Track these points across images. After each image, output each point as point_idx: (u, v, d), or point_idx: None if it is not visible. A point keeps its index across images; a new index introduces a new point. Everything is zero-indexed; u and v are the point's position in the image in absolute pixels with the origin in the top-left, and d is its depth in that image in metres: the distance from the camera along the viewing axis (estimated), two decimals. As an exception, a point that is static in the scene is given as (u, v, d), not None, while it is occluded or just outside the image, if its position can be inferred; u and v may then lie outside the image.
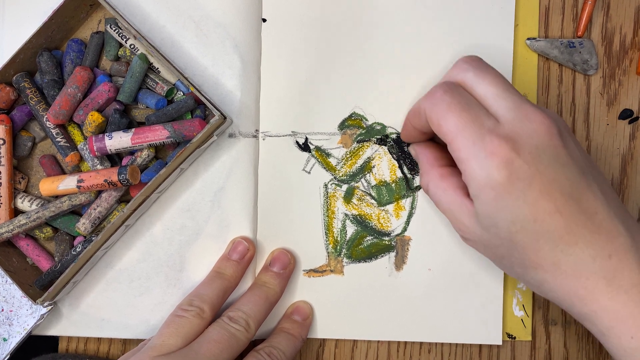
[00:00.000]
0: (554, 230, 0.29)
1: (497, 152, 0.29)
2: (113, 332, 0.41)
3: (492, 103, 0.31)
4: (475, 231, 0.32)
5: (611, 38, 0.42)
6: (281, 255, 0.40)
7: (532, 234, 0.30)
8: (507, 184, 0.29)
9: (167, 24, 0.40)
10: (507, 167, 0.29)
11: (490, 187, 0.30)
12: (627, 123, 0.42)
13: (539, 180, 0.29)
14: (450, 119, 0.31)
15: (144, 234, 0.40)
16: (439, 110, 0.32)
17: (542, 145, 0.30)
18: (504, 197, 0.29)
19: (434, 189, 0.35)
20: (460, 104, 0.31)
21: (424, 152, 0.37)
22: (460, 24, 0.41)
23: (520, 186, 0.29)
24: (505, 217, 0.30)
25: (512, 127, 0.30)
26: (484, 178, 0.30)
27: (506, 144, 0.29)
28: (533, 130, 0.30)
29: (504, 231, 0.30)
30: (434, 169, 0.35)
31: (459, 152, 0.31)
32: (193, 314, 0.36)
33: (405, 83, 0.41)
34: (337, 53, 0.41)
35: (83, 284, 0.40)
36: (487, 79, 0.32)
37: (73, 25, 0.40)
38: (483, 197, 0.30)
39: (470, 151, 0.30)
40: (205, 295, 0.37)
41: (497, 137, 0.30)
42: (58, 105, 0.38)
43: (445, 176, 0.35)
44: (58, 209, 0.38)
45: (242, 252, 0.39)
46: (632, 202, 0.42)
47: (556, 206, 0.29)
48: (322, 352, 0.42)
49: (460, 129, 0.31)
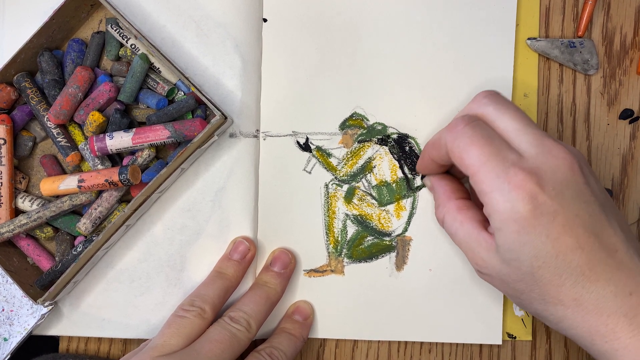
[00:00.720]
0: (576, 266, 0.29)
1: (522, 186, 0.29)
2: (114, 332, 0.41)
3: (514, 137, 0.31)
4: (494, 265, 0.32)
5: (612, 38, 0.42)
6: (282, 255, 0.40)
7: (554, 269, 0.30)
8: (531, 218, 0.29)
9: (168, 23, 0.40)
10: (531, 202, 0.29)
11: (514, 221, 0.30)
12: (627, 123, 0.42)
13: (562, 215, 0.29)
14: (473, 152, 0.31)
15: (145, 233, 0.40)
16: (462, 143, 0.32)
17: (565, 180, 0.30)
18: (528, 231, 0.29)
19: (451, 221, 0.35)
20: (483, 137, 0.31)
21: (440, 183, 0.37)
22: (461, 24, 0.41)
23: (543, 221, 0.29)
24: (528, 252, 0.30)
25: (535, 161, 0.30)
26: (508, 211, 0.30)
27: (531, 178, 0.29)
28: (556, 165, 0.30)
29: (526, 265, 0.30)
30: (451, 201, 0.35)
31: (482, 184, 0.31)
32: (194, 314, 0.36)
33: (407, 83, 0.41)
34: (338, 53, 0.41)
35: (84, 284, 0.40)
36: (508, 114, 0.32)
37: (74, 25, 0.40)
38: (506, 231, 0.30)
39: (494, 184, 0.30)
40: (207, 295, 0.37)
41: (521, 171, 0.30)
42: (59, 105, 0.38)
43: (463, 209, 0.34)
44: (59, 208, 0.38)
45: (243, 252, 0.39)
46: (632, 202, 0.42)
47: (578, 242, 0.29)
48: (323, 352, 0.42)
49: (484, 161, 0.31)
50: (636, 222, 0.42)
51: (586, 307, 0.30)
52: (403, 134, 0.41)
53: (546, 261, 0.30)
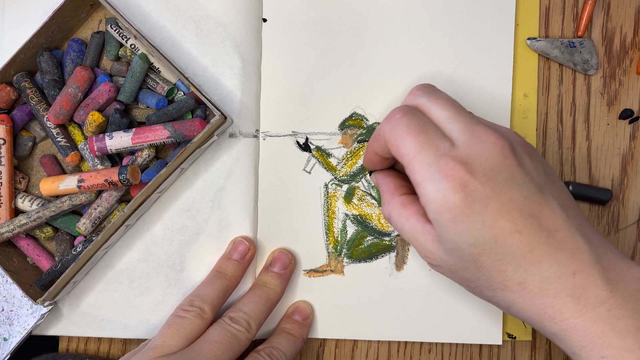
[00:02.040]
0: (516, 250, 0.29)
1: (452, 175, 0.29)
2: (113, 332, 0.41)
3: (445, 126, 0.32)
4: (440, 256, 0.32)
5: (611, 38, 0.42)
6: (281, 255, 0.40)
7: (494, 255, 0.29)
8: (463, 206, 0.29)
9: (168, 23, 0.40)
10: (462, 189, 0.29)
11: (447, 210, 0.29)
12: (627, 123, 0.42)
13: (496, 200, 0.29)
14: (408, 141, 0.31)
15: (144, 233, 0.40)
16: (397, 132, 0.32)
17: (497, 165, 0.30)
18: (462, 219, 0.29)
19: (396, 217, 0.34)
20: (418, 125, 0.31)
21: (384, 180, 0.37)
22: (460, 24, 0.41)
23: (477, 208, 0.29)
24: (466, 240, 0.30)
25: (465, 149, 0.30)
26: (440, 200, 0.30)
27: (460, 166, 0.29)
28: (486, 151, 0.30)
29: (466, 254, 0.30)
30: (394, 197, 0.35)
31: (415, 174, 0.31)
32: (194, 314, 0.36)
33: (406, 83, 0.41)
34: (337, 53, 0.41)
35: (83, 284, 0.40)
36: (438, 103, 0.32)
37: (73, 25, 0.40)
38: (441, 220, 0.30)
39: (426, 173, 0.30)
40: (206, 295, 0.37)
41: (451, 160, 0.30)
42: (59, 105, 0.38)
43: (406, 204, 0.34)
44: (58, 208, 0.38)
45: (242, 252, 0.39)
46: (632, 202, 0.42)
47: (516, 225, 0.29)
48: (323, 352, 0.42)
49: (418, 151, 0.31)
50: (636, 222, 0.42)
51: (531, 291, 0.30)
52: (403, 134, 0.41)
53: (485, 248, 0.29)
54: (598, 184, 0.42)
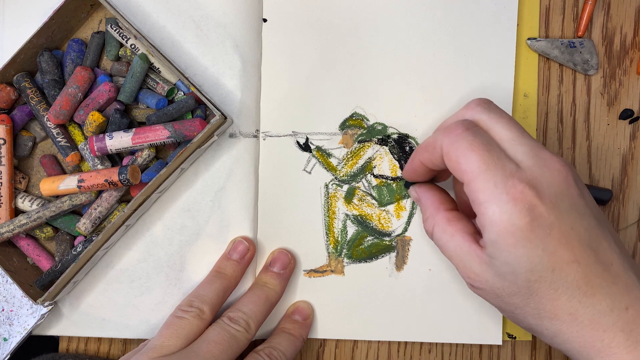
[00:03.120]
0: (572, 280, 0.29)
1: (521, 198, 0.29)
2: (113, 332, 0.41)
3: (509, 147, 0.31)
4: (487, 279, 0.31)
5: (611, 38, 0.42)
6: (281, 255, 0.40)
7: (550, 283, 0.29)
8: (528, 230, 0.29)
9: (168, 24, 0.40)
10: (529, 214, 0.29)
11: (511, 233, 0.29)
12: (627, 123, 0.42)
13: (558, 228, 0.29)
14: (472, 158, 0.30)
15: (145, 234, 0.40)
16: (460, 147, 0.31)
17: (561, 193, 0.30)
18: (524, 244, 0.29)
19: (441, 233, 0.34)
20: (483, 143, 0.30)
21: (427, 194, 0.36)
22: (461, 24, 0.41)
23: (540, 234, 0.29)
24: (524, 265, 0.29)
25: (533, 172, 0.30)
26: (504, 223, 0.29)
27: (530, 189, 0.29)
28: (552, 177, 0.30)
29: (521, 279, 0.30)
30: (440, 212, 0.34)
31: (478, 193, 0.30)
32: (193, 314, 0.36)
33: (407, 83, 0.41)
34: (337, 53, 0.41)
35: (83, 284, 0.40)
36: (502, 122, 0.32)
37: (74, 25, 0.40)
38: (501, 243, 0.29)
39: (492, 194, 0.29)
40: (205, 295, 0.37)
41: (520, 182, 0.29)
42: (59, 105, 0.38)
43: (452, 220, 0.33)
44: (58, 208, 0.38)
45: (242, 252, 0.39)
46: (632, 202, 0.42)
47: (574, 256, 0.29)
48: (323, 352, 0.42)
49: (483, 169, 0.30)
50: (636, 222, 0.42)
51: (582, 322, 0.29)
52: (403, 134, 0.41)
53: (542, 275, 0.29)
54: (598, 184, 0.42)
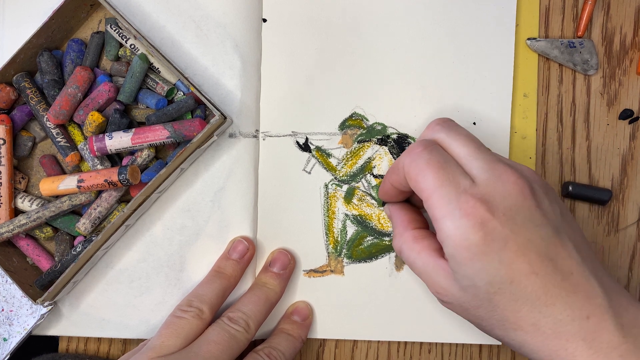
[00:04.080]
0: (531, 291, 0.29)
1: (472, 213, 0.29)
2: (113, 332, 0.41)
3: (466, 163, 0.32)
4: (453, 293, 0.32)
5: (611, 38, 0.42)
6: (281, 255, 0.40)
7: (509, 295, 0.29)
8: (482, 245, 0.29)
9: (168, 24, 0.40)
10: (482, 228, 0.29)
11: (466, 248, 0.29)
12: (627, 123, 0.42)
13: (514, 241, 0.29)
14: (428, 176, 0.31)
15: (144, 234, 0.40)
16: (418, 166, 0.32)
17: (516, 205, 0.30)
18: (480, 258, 0.29)
19: (408, 251, 0.34)
20: (439, 161, 0.31)
21: (398, 213, 0.37)
22: (461, 24, 0.41)
23: (495, 247, 0.29)
24: (482, 278, 0.30)
25: (486, 187, 0.30)
26: (458, 237, 0.30)
27: (481, 204, 0.30)
28: (506, 190, 0.30)
29: (482, 292, 0.30)
30: (407, 231, 0.35)
31: (434, 209, 0.31)
32: (192, 314, 0.36)
33: (406, 83, 0.41)
34: (337, 53, 0.41)
35: (83, 284, 0.40)
36: (459, 139, 0.33)
37: (73, 25, 0.40)
38: (459, 257, 0.30)
39: (446, 210, 0.30)
40: (205, 295, 0.37)
41: (472, 198, 0.30)
42: (58, 105, 0.38)
43: (419, 238, 0.34)
44: (58, 208, 0.38)
45: (241, 252, 0.39)
46: (631, 202, 0.42)
47: (532, 267, 0.29)
48: (322, 352, 0.42)
49: (438, 186, 0.31)
50: (636, 222, 0.42)
51: (544, 332, 0.29)
52: (403, 134, 0.41)
53: (501, 287, 0.29)
54: (598, 184, 0.42)
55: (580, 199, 0.41)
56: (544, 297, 0.29)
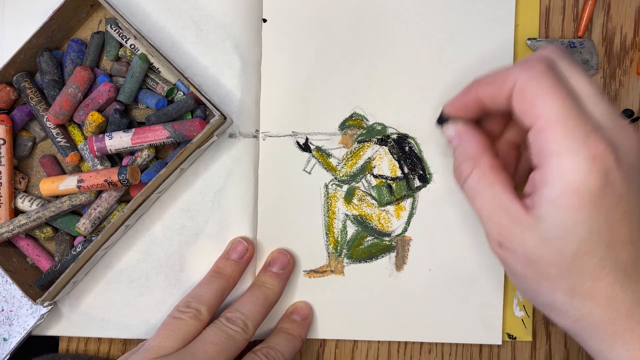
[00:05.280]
0: (622, 261, 0.26)
1: (601, 157, 0.25)
2: (113, 332, 0.41)
3: (589, 102, 0.27)
4: (525, 241, 0.27)
5: (612, 38, 0.42)
6: (280, 255, 0.40)
7: (599, 259, 0.26)
8: (598, 195, 0.25)
9: (167, 24, 0.40)
10: (604, 177, 0.25)
11: (579, 194, 0.25)
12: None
13: (626, 201, 0.26)
14: (553, 102, 0.26)
15: (144, 234, 0.40)
16: (540, 87, 0.27)
17: (636, 165, 0.27)
18: (589, 209, 0.25)
19: (478, 179, 0.29)
20: (567, 89, 0.26)
21: (472, 133, 0.31)
22: (460, 24, 0.41)
23: (608, 203, 0.26)
24: (580, 233, 0.26)
25: (614, 135, 0.26)
26: (576, 180, 0.25)
27: (611, 152, 0.26)
28: (631, 146, 0.27)
29: (570, 248, 0.26)
30: (484, 155, 0.30)
31: (551, 142, 0.26)
32: (190, 315, 0.36)
33: (406, 83, 0.41)
34: (337, 53, 0.41)
35: (83, 284, 0.40)
36: (583, 75, 0.28)
37: (73, 25, 0.40)
38: (564, 203, 0.26)
39: (569, 146, 0.26)
40: (203, 296, 0.37)
41: (602, 141, 0.26)
42: (58, 105, 0.38)
43: (496, 169, 0.29)
44: (58, 209, 0.38)
45: (241, 252, 0.39)
46: (632, 203, 0.42)
47: (632, 235, 0.26)
48: (323, 352, 0.42)
49: (563, 117, 0.26)
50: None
51: (618, 308, 0.27)
52: (403, 134, 0.41)
53: (594, 248, 0.26)
54: (598, 184, 0.42)
55: (581, 199, 0.41)
56: (632, 270, 0.26)
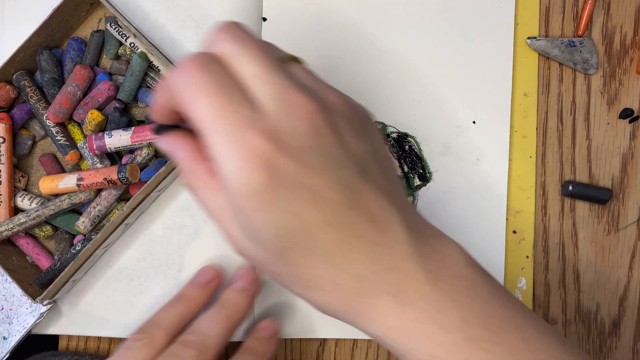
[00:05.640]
0: (327, 245, 0.25)
1: (256, 152, 0.24)
2: (112, 331, 0.41)
3: (253, 86, 0.25)
4: (247, 246, 0.27)
5: (611, 37, 0.42)
6: (247, 272, 0.38)
7: (304, 249, 0.25)
8: (268, 191, 0.24)
9: (167, 22, 0.40)
10: (267, 171, 0.24)
11: (248, 196, 0.24)
12: (627, 122, 0.42)
13: (305, 186, 0.24)
14: (205, 105, 0.25)
15: (144, 232, 0.40)
16: (190, 91, 0.25)
17: (309, 144, 0.24)
18: (266, 207, 0.24)
19: (203, 188, 0.28)
20: (218, 85, 0.25)
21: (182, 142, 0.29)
22: (460, 23, 0.41)
23: (283, 194, 0.24)
24: (271, 231, 0.25)
25: (274, 121, 0.24)
26: (240, 183, 0.24)
27: (267, 142, 0.24)
28: (298, 125, 0.24)
29: (273, 246, 0.25)
30: (198, 162, 0.28)
31: (212, 148, 0.25)
32: (142, 344, 0.33)
33: (406, 82, 0.41)
34: (337, 52, 0.41)
35: (83, 283, 0.40)
36: (248, 54, 0.25)
37: (73, 23, 0.40)
38: (243, 207, 0.25)
39: (225, 148, 0.24)
40: (161, 320, 0.35)
41: (256, 133, 0.24)
42: (58, 104, 0.38)
43: (214, 173, 0.27)
44: (58, 207, 0.38)
45: (208, 278, 0.38)
46: (631, 202, 0.42)
47: (326, 217, 0.25)
48: (323, 352, 0.42)
49: (216, 118, 0.24)
50: (636, 221, 0.42)
51: (346, 291, 0.26)
52: (403, 132, 0.41)
53: (294, 241, 0.25)
54: (598, 184, 0.42)
55: (581, 198, 0.41)
56: (341, 251, 0.25)
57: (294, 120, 0.24)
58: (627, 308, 0.42)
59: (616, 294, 0.42)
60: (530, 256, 0.41)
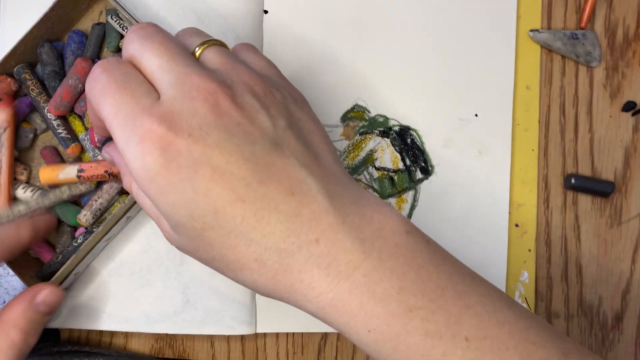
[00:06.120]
0: (241, 221, 0.25)
1: (149, 136, 0.24)
2: (114, 324, 0.40)
3: (156, 77, 0.26)
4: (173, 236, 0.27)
5: (614, 29, 0.41)
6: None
7: (219, 229, 0.25)
8: (167, 174, 0.24)
9: (169, 15, 0.40)
10: (163, 154, 0.24)
11: (150, 180, 0.24)
12: (630, 115, 0.42)
13: (207, 164, 0.24)
14: (106, 101, 0.25)
15: (145, 225, 0.40)
16: (96, 92, 0.26)
17: (211, 122, 0.24)
18: (169, 190, 0.24)
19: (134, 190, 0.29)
20: (117, 81, 0.26)
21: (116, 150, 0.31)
22: (462, 15, 0.41)
23: (185, 175, 0.24)
24: (181, 214, 0.25)
25: (171, 104, 0.25)
26: (140, 169, 0.24)
27: (160, 124, 0.24)
28: (198, 105, 0.25)
29: (189, 230, 0.25)
30: None
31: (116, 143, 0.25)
32: None
33: (408, 75, 0.41)
34: (339, 45, 0.41)
35: (84, 276, 0.40)
36: (151, 49, 0.26)
37: (74, 16, 0.40)
38: (151, 194, 0.25)
39: (124, 138, 0.25)
40: None
41: (152, 119, 0.24)
42: (59, 97, 0.38)
43: None
44: (58, 198, 0.38)
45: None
46: (634, 195, 0.41)
47: (235, 193, 0.24)
48: (324, 346, 0.42)
49: (116, 112, 0.25)
50: (639, 214, 0.42)
51: (272, 267, 0.25)
52: (405, 125, 0.41)
53: (207, 221, 0.25)
54: (601, 177, 0.41)
55: (583, 191, 0.41)
56: (259, 226, 0.25)
57: (192, 102, 0.25)
58: (630, 301, 0.42)
59: (619, 288, 0.42)
60: (533, 249, 0.41)
